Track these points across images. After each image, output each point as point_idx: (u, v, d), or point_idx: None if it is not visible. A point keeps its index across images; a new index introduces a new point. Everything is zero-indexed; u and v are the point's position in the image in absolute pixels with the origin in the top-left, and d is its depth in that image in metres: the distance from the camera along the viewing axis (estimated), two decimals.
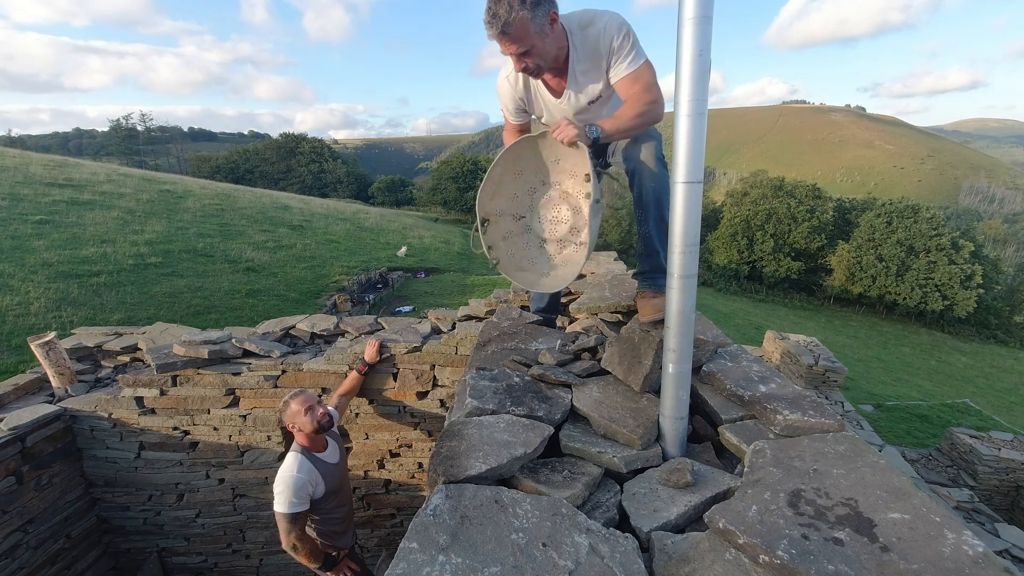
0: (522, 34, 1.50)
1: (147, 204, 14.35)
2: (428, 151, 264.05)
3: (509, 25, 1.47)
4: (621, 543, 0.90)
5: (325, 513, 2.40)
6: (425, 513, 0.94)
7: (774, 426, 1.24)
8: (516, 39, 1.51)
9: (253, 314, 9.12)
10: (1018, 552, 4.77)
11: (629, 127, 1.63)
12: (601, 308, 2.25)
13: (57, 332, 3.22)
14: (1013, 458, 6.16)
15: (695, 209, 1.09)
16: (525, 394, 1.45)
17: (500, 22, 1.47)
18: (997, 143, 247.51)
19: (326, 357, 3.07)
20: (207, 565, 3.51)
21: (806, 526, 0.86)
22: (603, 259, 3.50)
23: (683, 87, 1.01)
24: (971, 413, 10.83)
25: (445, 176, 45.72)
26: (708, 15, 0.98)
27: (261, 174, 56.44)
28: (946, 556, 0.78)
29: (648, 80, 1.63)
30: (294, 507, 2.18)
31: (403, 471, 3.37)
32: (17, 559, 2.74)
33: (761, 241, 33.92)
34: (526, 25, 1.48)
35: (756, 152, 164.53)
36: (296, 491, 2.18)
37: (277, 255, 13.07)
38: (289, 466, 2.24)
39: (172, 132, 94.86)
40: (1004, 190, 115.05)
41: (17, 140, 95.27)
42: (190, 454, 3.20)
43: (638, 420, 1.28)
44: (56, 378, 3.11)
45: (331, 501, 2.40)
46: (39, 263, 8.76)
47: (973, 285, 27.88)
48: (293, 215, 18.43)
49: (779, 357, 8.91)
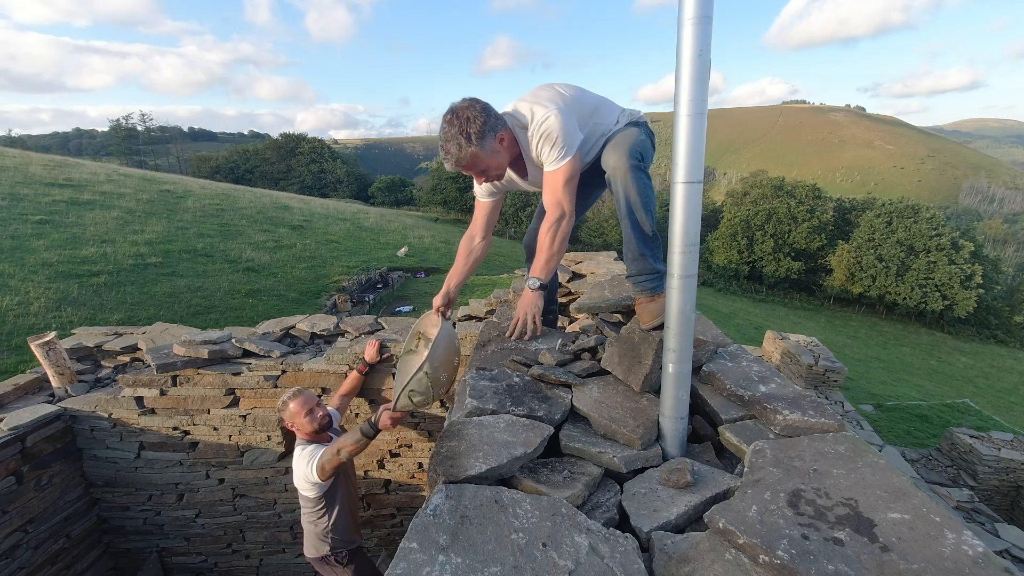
0: (475, 162, 1.66)
1: (147, 204, 14.36)
2: (428, 151, 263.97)
3: (462, 161, 1.64)
4: (621, 543, 0.90)
5: (331, 507, 2.41)
6: (425, 513, 0.94)
7: (774, 426, 1.24)
8: (471, 167, 1.68)
9: (253, 314, 9.12)
10: (1018, 552, 4.77)
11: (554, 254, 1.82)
12: (601, 308, 2.25)
13: (57, 332, 3.22)
14: (1013, 458, 6.16)
15: (695, 209, 1.09)
16: (525, 394, 1.45)
17: (453, 159, 1.64)
18: (997, 143, 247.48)
19: (326, 357, 3.07)
20: (207, 565, 3.51)
21: (806, 526, 0.86)
22: (603, 259, 3.50)
23: (683, 87, 1.01)
24: (971, 413, 10.83)
25: (445, 176, 45.71)
26: (708, 15, 0.97)
27: (261, 174, 56.45)
28: (946, 556, 0.78)
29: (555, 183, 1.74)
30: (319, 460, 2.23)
31: (403, 471, 3.37)
32: (17, 559, 2.74)
33: (761, 241, 33.93)
34: (477, 155, 1.64)
35: (756, 152, 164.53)
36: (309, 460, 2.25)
37: (277, 255, 13.07)
38: (303, 451, 2.29)
39: (172, 132, 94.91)
40: (1004, 190, 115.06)
41: (17, 140, 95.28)
42: (190, 454, 3.20)
43: (638, 420, 1.28)
44: (56, 378, 3.11)
45: (336, 496, 2.41)
46: (39, 263, 8.76)
47: (973, 285, 27.88)
48: (293, 215, 18.43)
49: (779, 357, 8.91)
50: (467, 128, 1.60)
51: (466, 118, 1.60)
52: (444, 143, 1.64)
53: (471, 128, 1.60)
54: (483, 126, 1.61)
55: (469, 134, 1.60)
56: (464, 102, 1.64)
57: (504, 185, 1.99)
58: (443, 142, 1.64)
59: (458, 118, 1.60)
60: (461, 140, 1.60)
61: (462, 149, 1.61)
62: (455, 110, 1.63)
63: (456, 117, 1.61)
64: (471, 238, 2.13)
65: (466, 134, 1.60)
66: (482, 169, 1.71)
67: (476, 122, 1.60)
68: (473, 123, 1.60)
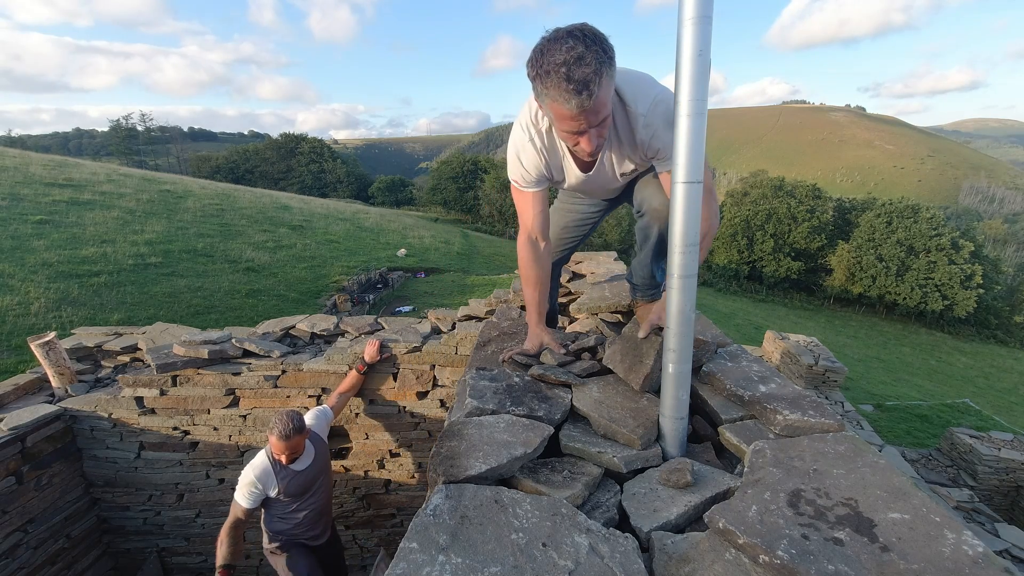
0: (604, 100, 1.16)
1: (147, 204, 14.36)
2: (428, 151, 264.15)
3: (599, 89, 1.12)
4: (621, 543, 0.90)
5: (283, 513, 2.47)
6: (425, 513, 0.94)
7: (774, 426, 1.24)
8: (599, 108, 1.16)
9: (253, 314, 9.12)
10: (1018, 552, 4.77)
11: None
12: (601, 308, 2.25)
13: (57, 332, 3.22)
14: (1013, 458, 6.17)
15: (695, 209, 1.09)
16: (525, 394, 1.44)
17: (588, 87, 1.10)
18: (997, 143, 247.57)
19: (326, 357, 3.07)
20: (207, 565, 3.51)
21: (806, 526, 0.86)
22: (603, 259, 3.50)
23: (683, 87, 1.01)
24: (971, 413, 10.83)
25: (445, 176, 45.73)
26: (708, 15, 0.98)
27: (261, 174, 56.48)
28: (946, 556, 0.78)
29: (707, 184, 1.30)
30: (241, 500, 2.32)
31: (403, 471, 3.37)
32: (17, 559, 2.74)
33: (761, 241, 33.94)
34: (610, 86, 1.16)
35: (756, 152, 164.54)
36: (243, 487, 2.33)
37: (277, 255, 13.07)
38: (252, 463, 2.36)
39: (172, 132, 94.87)
40: (1004, 190, 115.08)
41: (17, 140, 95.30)
42: (190, 454, 3.20)
43: (638, 420, 1.28)
44: (56, 378, 3.11)
45: (291, 504, 2.45)
46: (39, 263, 8.76)
47: (973, 285, 27.88)
48: (293, 215, 18.43)
49: (779, 357, 8.91)
50: (600, 41, 1.10)
51: (592, 31, 1.11)
52: (572, 65, 1.08)
53: (604, 42, 1.11)
54: (611, 45, 1.13)
55: (605, 48, 1.10)
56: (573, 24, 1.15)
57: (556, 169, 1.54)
58: (567, 65, 1.08)
59: (582, 31, 1.10)
60: (599, 54, 1.09)
61: (601, 68, 1.09)
62: (571, 27, 1.12)
63: (579, 30, 1.10)
64: (533, 244, 1.64)
65: (603, 48, 1.10)
66: (606, 115, 1.20)
67: (606, 37, 1.12)
68: (604, 37, 1.12)
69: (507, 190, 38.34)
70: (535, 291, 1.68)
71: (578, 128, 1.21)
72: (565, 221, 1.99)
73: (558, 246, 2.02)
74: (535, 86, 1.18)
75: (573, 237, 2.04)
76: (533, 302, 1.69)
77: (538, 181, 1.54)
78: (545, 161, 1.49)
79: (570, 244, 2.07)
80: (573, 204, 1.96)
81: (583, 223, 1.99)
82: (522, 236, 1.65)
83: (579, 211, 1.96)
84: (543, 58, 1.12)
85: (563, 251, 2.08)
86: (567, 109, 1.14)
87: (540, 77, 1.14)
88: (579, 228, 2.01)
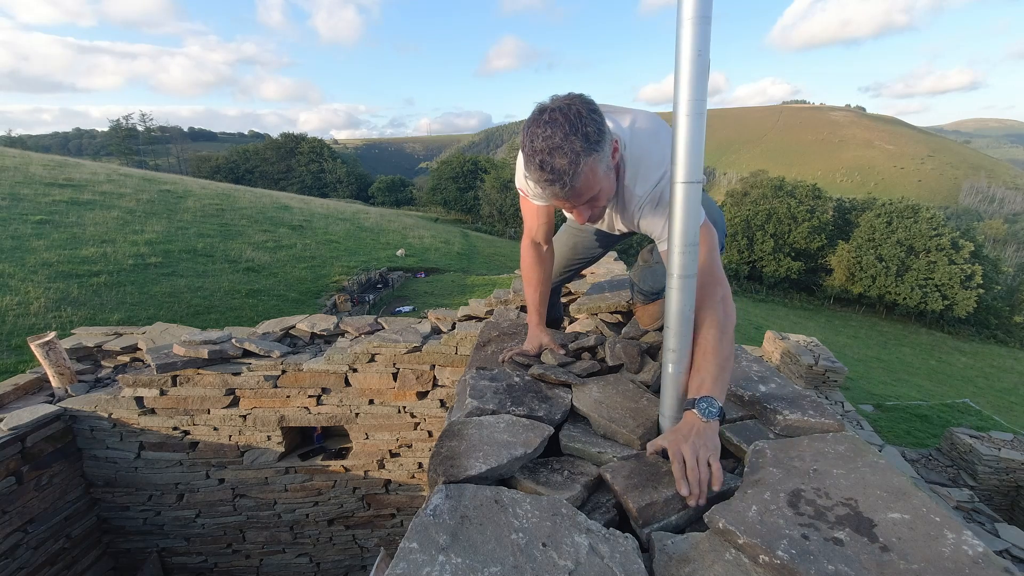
0: (591, 181, 1.14)
1: (147, 204, 14.36)
2: (428, 151, 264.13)
3: (576, 177, 1.09)
4: (621, 543, 0.90)
5: None
6: (425, 513, 0.94)
7: (774, 426, 1.24)
8: (584, 191, 1.15)
9: (253, 314, 9.12)
10: (1018, 552, 4.77)
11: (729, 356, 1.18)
12: (601, 308, 2.25)
13: (57, 332, 3.22)
14: (1013, 458, 6.16)
15: (695, 209, 1.09)
16: (525, 394, 1.44)
17: (562, 178, 1.09)
18: (997, 143, 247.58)
19: (326, 357, 3.07)
20: (207, 565, 3.51)
21: (806, 526, 0.86)
22: (603, 259, 3.50)
23: (682, 87, 1.01)
24: (971, 413, 10.83)
25: (445, 176, 45.75)
26: (707, 15, 0.97)
27: (261, 174, 56.51)
28: (946, 556, 0.78)
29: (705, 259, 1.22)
30: None
31: (403, 471, 3.37)
32: (17, 559, 2.74)
33: (761, 241, 33.94)
34: (595, 170, 1.12)
35: (756, 152, 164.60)
36: None
37: (277, 255, 13.07)
38: None
39: (172, 132, 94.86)
40: (1004, 190, 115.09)
41: (17, 140, 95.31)
42: (190, 454, 3.20)
43: (638, 420, 1.28)
44: (56, 378, 3.11)
45: None
46: (39, 263, 8.76)
47: (973, 285, 27.87)
48: (293, 215, 18.43)
49: (779, 357, 8.91)
50: (582, 126, 1.08)
51: (576, 113, 1.08)
52: (544, 155, 1.08)
53: (588, 127, 1.08)
54: (600, 126, 1.11)
55: (587, 134, 1.08)
56: (564, 97, 1.13)
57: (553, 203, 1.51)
58: (542, 154, 1.08)
59: (564, 114, 1.08)
60: (576, 143, 1.07)
61: (578, 158, 1.07)
62: (555, 107, 1.10)
63: (560, 114, 1.08)
64: (536, 247, 1.66)
65: (583, 134, 1.07)
66: (595, 194, 1.17)
67: (592, 120, 1.10)
68: (589, 121, 1.09)
69: (507, 190, 38.36)
70: (536, 292, 1.70)
71: (563, 206, 1.23)
72: (573, 242, 1.98)
73: (564, 266, 2.02)
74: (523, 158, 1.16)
75: (580, 259, 2.04)
76: (534, 303, 1.71)
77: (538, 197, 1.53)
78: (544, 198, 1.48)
79: (576, 266, 2.07)
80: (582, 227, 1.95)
81: (591, 248, 1.99)
82: (526, 239, 1.67)
83: (589, 233, 1.96)
84: (526, 137, 1.12)
85: (568, 272, 2.07)
86: (545, 194, 1.17)
87: (524, 157, 1.14)
88: (587, 251, 2.01)
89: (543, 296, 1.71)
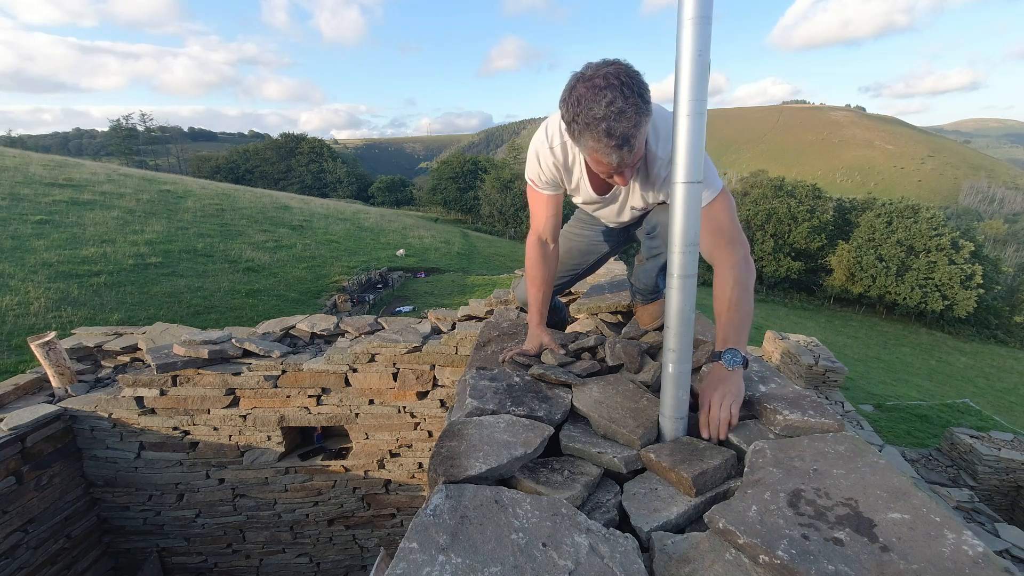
0: (643, 144, 1.20)
1: (147, 204, 14.36)
2: (428, 151, 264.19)
3: (638, 137, 1.13)
4: (621, 543, 0.90)
5: None
6: (425, 513, 0.93)
7: (774, 426, 1.24)
8: (640, 151, 1.19)
9: (253, 314, 9.12)
10: (1018, 552, 4.77)
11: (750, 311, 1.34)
12: (601, 308, 2.25)
13: (57, 332, 3.22)
14: (1013, 458, 6.16)
15: (695, 209, 1.09)
16: (525, 394, 1.44)
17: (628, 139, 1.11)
18: (997, 143, 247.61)
19: (326, 357, 3.07)
20: (207, 565, 3.51)
21: (806, 526, 0.86)
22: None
23: (682, 87, 1.01)
24: (971, 413, 10.83)
25: (445, 176, 45.76)
26: (707, 15, 0.97)
27: (261, 174, 56.53)
28: (946, 556, 0.78)
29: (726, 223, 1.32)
30: None
31: (403, 471, 3.37)
32: (17, 559, 2.74)
33: (761, 241, 33.93)
34: (646, 132, 1.17)
35: (756, 152, 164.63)
36: None
37: (277, 255, 13.07)
38: None
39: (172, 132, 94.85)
40: (1004, 190, 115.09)
41: (17, 140, 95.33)
42: (190, 454, 3.20)
43: (638, 420, 1.28)
44: (56, 378, 3.11)
45: None
46: (39, 263, 8.76)
47: (973, 285, 27.87)
48: (293, 215, 18.43)
49: (779, 357, 8.91)
50: (639, 88, 1.09)
51: (629, 75, 1.09)
52: (611, 121, 1.08)
53: (643, 88, 1.10)
54: (647, 86, 1.12)
55: (644, 96, 1.10)
56: (608, 63, 1.13)
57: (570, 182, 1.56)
58: (607, 120, 1.08)
59: (619, 79, 1.08)
60: (640, 105, 1.09)
61: (641, 120, 1.10)
62: (608, 71, 1.09)
63: (616, 78, 1.08)
64: (543, 245, 1.66)
65: (642, 97, 1.09)
66: (640, 157, 1.23)
67: (644, 81, 1.12)
68: (641, 82, 1.11)
69: (507, 190, 38.32)
70: (539, 291, 1.70)
71: (614, 171, 1.24)
72: (570, 245, 1.99)
73: (564, 270, 2.02)
74: (571, 129, 1.17)
75: (578, 264, 2.04)
76: (536, 302, 1.71)
77: (553, 185, 1.57)
78: (561, 171, 1.51)
79: (575, 271, 2.07)
80: (582, 230, 1.97)
81: (589, 251, 1.99)
82: (532, 236, 1.67)
83: (588, 237, 1.97)
84: (580, 107, 1.11)
85: (568, 277, 2.07)
86: (607, 161, 1.16)
87: (578, 127, 1.13)
88: (584, 256, 2.01)
89: (546, 296, 1.72)
